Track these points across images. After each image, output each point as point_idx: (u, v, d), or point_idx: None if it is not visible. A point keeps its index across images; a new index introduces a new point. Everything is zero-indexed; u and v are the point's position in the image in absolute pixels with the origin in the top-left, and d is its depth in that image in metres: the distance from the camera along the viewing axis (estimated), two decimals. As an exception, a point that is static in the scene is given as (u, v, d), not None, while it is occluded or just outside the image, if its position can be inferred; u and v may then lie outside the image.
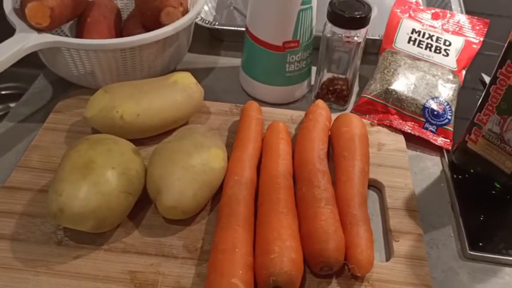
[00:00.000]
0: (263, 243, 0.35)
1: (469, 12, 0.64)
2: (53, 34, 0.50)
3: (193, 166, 0.38)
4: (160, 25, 0.49)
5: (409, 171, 0.46)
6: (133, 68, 0.49)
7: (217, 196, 0.41)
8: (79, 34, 0.52)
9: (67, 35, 0.56)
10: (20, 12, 0.47)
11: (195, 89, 0.47)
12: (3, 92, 0.80)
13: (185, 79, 0.47)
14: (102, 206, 0.35)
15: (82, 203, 0.34)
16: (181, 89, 0.46)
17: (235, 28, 0.60)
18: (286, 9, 0.46)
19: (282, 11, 0.47)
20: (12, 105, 0.79)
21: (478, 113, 0.42)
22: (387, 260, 0.39)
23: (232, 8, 0.68)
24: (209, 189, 0.39)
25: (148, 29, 0.50)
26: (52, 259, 0.36)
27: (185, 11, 0.51)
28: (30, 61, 0.50)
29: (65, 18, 0.49)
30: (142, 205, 0.40)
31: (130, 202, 0.37)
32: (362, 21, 0.47)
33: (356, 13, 0.47)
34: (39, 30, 0.46)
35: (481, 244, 0.40)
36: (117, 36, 0.53)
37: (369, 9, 0.47)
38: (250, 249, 0.35)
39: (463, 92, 0.53)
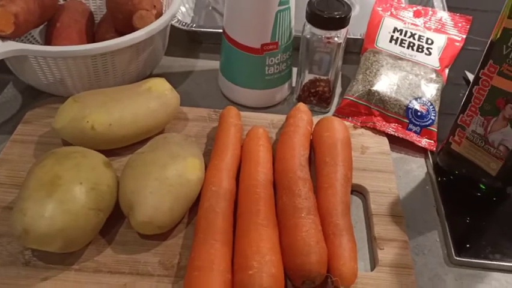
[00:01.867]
0: (241, 258, 0.34)
1: (452, 8, 0.63)
2: (20, 41, 0.48)
3: (168, 178, 0.36)
4: (133, 29, 0.47)
5: (394, 174, 0.44)
6: (106, 75, 0.47)
7: (194, 208, 0.39)
8: (48, 40, 0.50)
9: (38, 41, 0.54)
10: (-17, 18, 0.44)
11: (170, 95, 0.45)
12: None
13: (160, 85, 0.45)
14: (70, 225, 0.33)
15: (48, 223, 0.32)
16: (156, 96, 0.44)
17: (213, 30, 0.58)
18: (263, 10, 0.45)
19: (259, 12, 0.45)
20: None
21: (461, 114, 0.41)
22: (372, 269, 0.37)
23: (210, 8, 0.66)
24: (185, 202, 0.37)
25: (121, 33, 0.48)
26: (19, 281, 0.34)
27: (160, 14, 0.49)
28: (2, 67, 0.47)
29: (32, 24, 0.46)
30: (114, 220, 0.38)
31: (100, 219, 0.35)
32: (341, 22, 0.46)
33: (336, 13, 0.45)
34: (4, 38, 0.43)
35: (467, 249, 0.39)
36: (89, 41, 0.50)
37: (349, 8, 0.46)
38: (229, 265, 0.34)
39: (447, 88, 0.52)
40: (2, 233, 0.37)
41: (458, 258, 0.39)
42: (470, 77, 0.56)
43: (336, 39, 0.47)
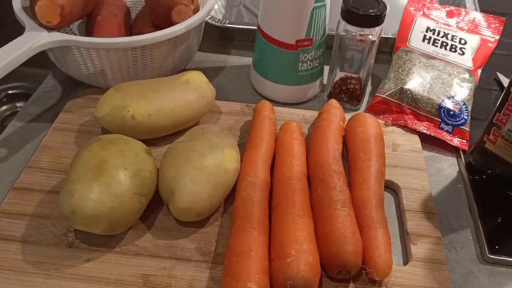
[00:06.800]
0: (279, 246, 0.34)
1: (481, 10, 0.63)
2: (63, 33, 0.49)
3: (207, 166, 0.37)
4: (170, 23, 0.48)
5: (426, 172, 0.45)
6: (144, 67, 0.48)
7: (229, 198, 0.40)
8: (88, 33, 0.51)
9: (75, 34, 0.56)
10: (30, 10, 0.46)
11: (207, 88, 0.46)
12: (10, 92, 0.79)
13: (197, 78, 0.46)
14: (115, 208, 0.34)
15: (95, 205, 0.34)
16: (193, 88, 0.45)
17: (245, 27, 0.59)
18: (300, 7, 0.46)
19: (295, 8, 0.46)
20: (19, 104, 0.79)
21: (498, 113, 0.41)
22: (405, 264, 0.38)
23: (241, 6, 0.67)
24: (223, 190, 0.38)
25: (158, 27, 0.50)
26: (63, 262, 0.35)
27: (197, 9, 0.51)
28: (38, 61, 0.49)
29: (75, 16, 0.48)
30: (153, 207, 0.39)
31: (142, 204, 0.36)
32: (377, 19, 0.46)
33: (371, 11, 0.46)
34: (49, 29, 0.45)
35: (500, 247, 0.39)
36: (128, 35, 0.52)
37: (385, 6, 0.46)
38: (266, 253, 0.35)
39: (479, 92, 0.52)
40: (47, 215, 0.38)
41: (491, 256, 0.39)
42: (503, 78, 0.56)
43: (370, 37, 0.48)
